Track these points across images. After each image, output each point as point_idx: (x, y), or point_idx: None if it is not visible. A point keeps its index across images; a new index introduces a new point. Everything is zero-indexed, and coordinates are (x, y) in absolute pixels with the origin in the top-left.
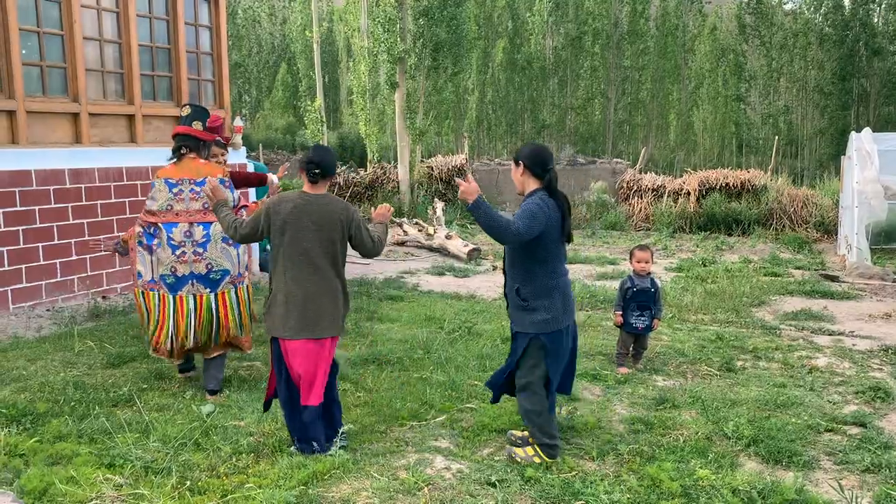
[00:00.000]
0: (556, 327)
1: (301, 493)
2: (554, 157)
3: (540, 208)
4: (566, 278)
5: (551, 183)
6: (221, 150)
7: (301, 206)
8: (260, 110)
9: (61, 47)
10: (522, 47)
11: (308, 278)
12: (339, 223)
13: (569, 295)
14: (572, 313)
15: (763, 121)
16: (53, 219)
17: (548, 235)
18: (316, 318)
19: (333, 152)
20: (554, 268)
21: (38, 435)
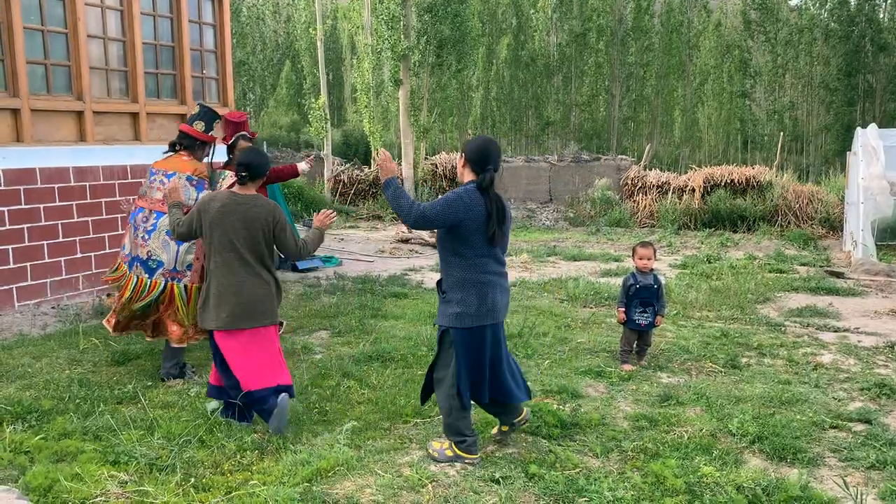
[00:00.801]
0: (468, 324)
1: (305, 489)
2: (500, 157)
3: (458, 198)
4: (493, 278)
5: (483, 182)
6: (248, 143)
7: (229, 206)
8: (264, 108)
9: (65, 45)
10: (527, 44)
11: (237, 272)
12: (262, 224)
13: (489, 295)
14: (494, 316)
15: (768, 117)
16: (58, 217)
17: (466, 229)
18: (247, 310)
19: (264, 155)
20: (474, 263)
21: (43, 432)
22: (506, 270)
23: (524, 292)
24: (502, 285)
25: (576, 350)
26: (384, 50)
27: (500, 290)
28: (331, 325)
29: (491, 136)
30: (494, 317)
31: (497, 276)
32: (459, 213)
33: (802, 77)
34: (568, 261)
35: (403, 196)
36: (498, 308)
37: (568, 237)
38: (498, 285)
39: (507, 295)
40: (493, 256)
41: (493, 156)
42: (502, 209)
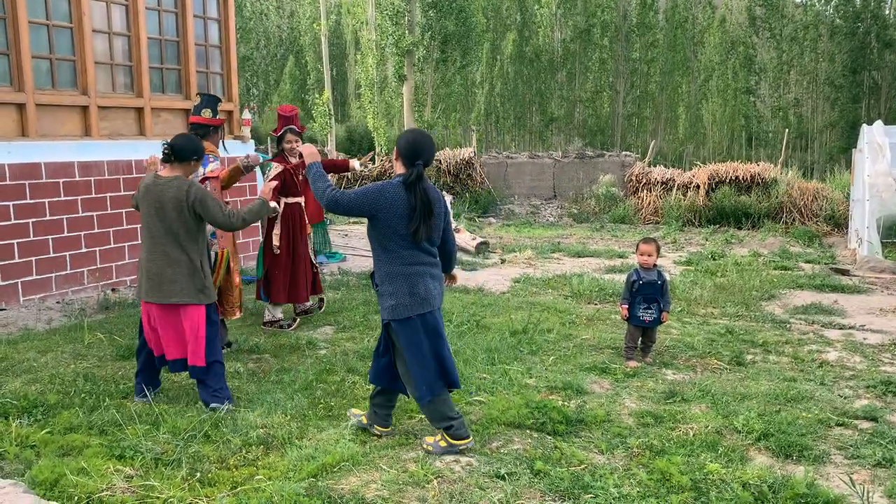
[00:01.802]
0: (404, 314)
1: (311, 485)
2: (433, 151)
3: (378, 189)
4: (420, 268)
5: (408, 178)
6: (296, 137)
7: (149, 187)
8: (268, 103)
9: (70, 40)
10: (531, 40)
11: (154, 250)
12: (174, 204)
13: (420, 284)
14: (429, 303)
15: (773, 114)
16: (63, 211)
17: (385, 221)
18: (161, 285)
19: (193, 139)
20: (398, 255)
21: (48, 426)
22: (435, 259)
23: (528, 288)
24: (432, 274)
25: (580, 346)
26: (388, 45)
27: (431, 278)
28: (335, 320)
29: (424, 130)
30: (430, 304)
31: (426, 265)
32: (375, 206)
33: (807, 74)
34: (572, 257)
35: (322, 178)
36: (432, 295)
37: (572, 233)
38: (427, 274)
39: (440, 282)
40: (419, 248)
41: (424, 150)
42: (429, 204)
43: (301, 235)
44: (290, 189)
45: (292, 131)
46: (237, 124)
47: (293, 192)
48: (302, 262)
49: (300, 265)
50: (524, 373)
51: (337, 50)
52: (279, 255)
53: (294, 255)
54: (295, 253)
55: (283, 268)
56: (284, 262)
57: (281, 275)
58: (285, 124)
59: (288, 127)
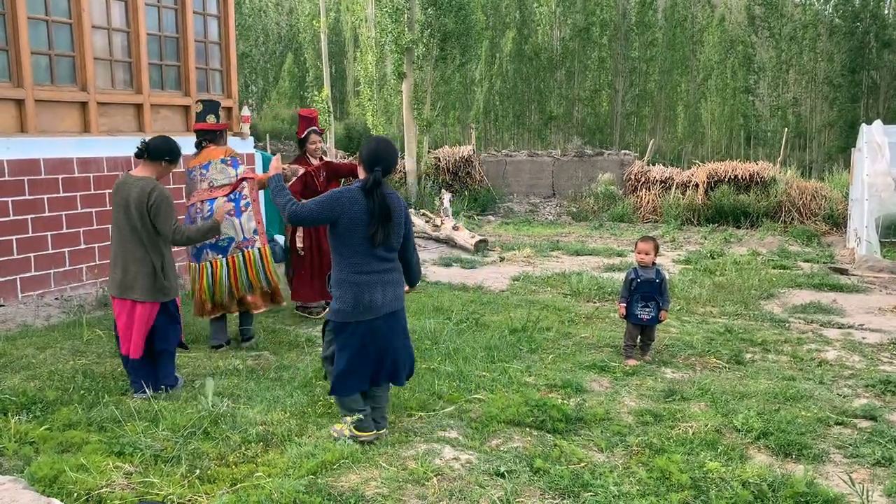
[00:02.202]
0: (344, 319)
1: (310, 482)
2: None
3: (336, 198)
4: (370, 277)
5: (366, 184)
6: (319, 137)
7: (119, 185)
8: (266, 100)
9: (70, 36)
10: (530, 38)
11: (121, 245)
12: (136, 204)
13: (365, 295)
14: (373, 312)
15: (771, 113)
16: (62, 208)
17: (342, 228)
18: (124, 282)
19: (170, 142)
20: (350, 263)
21: (48, 423)
22: (394, 265)
23: (527, 287)
24: (385, 280)
25: (579, 345)
26: (388, 43)
27: (381, 286)
28: None
29: (387, 138)
30: (374, 312)
31: (379, 273)
32: (333, 212)
33: (806, 73)
34: (571, 255)
35: (282, 192)
36: (376, 306)
37: (571, 232)
38: (378, 283)
39: (394, 288)
40: (373, 255)
41: (383, 158)
42: (387, 209)
43: (323, 236)
44: (312, 190)
45: (315, 132)
46: (236, 121)
47: (315, 194)
48: (327, 258)
49: (326, 262)
50: (523, 371)
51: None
52: (304, 256)
53: (320, 253)
54: (321, 251)
55: (308, 267)
56: (309, 262)
57: (306, 274)
58: (308, 126)
59: (311, 129)
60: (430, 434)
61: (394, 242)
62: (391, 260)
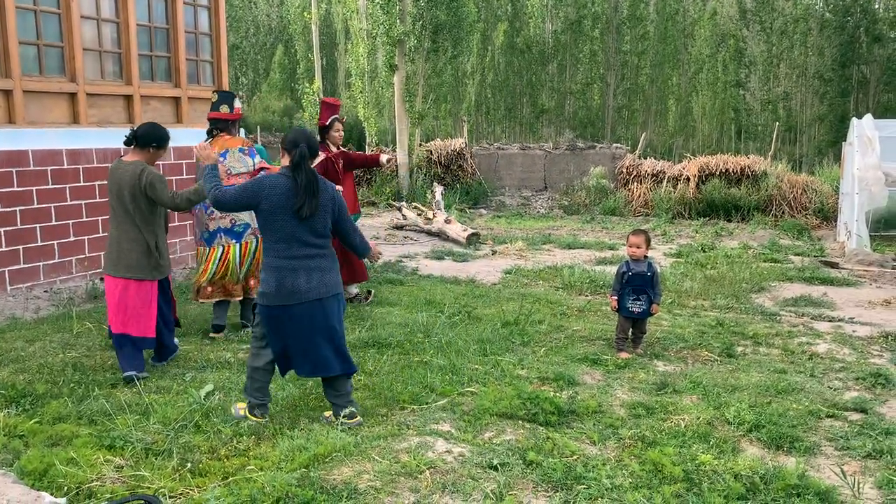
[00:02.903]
0: (266, 302)
1: (302, 475)
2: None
3: (257, 181)
4: (294, 262)
5: (294, 157)
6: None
7: (112, 170)
8: (257, 92)
9: (58, 26)
10: (522, 31)
11: (116, 228)
12: (129, 187)
13: (288, 279)
14: (297, 297)
15: (762, 107)
16: (51, 199)
17: (266, 213)
18: (119, 261)
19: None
20: (274, 248)
21: (37, 416)
22: (320, 251)
23: (519, 280)
24: (311, 267)
25: (571, 338)
26: (379, 35)
27: (306, 272)
28: None
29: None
30: (297, 297)
31: (304, 259)
32: (256, 196)
33: (797, 67)
34: (563, 249)
35: (210, 179)
36: (300, 291)
37: (563, 225)
38: (303, 268)
39: (321, 274)
40: (297, 240)
41: (302, 139)
42: (315, 181)
43: None
44: (332, 177)
45: (339, 120)
46: None
47: (334, 181)
48: None
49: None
50: (516, 364)
51: (327, 39)
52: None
53: None
54: None
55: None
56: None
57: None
58: (332, 114)
59: (334, 117)
60: (423, 427)
61: (319, 226)
62: (318, 246)
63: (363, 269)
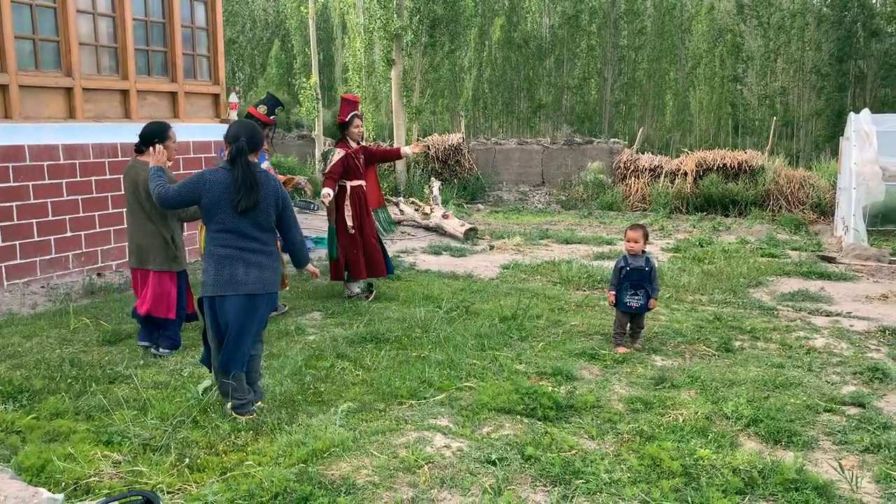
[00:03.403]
0: (205, 292)
1: (301, 470)
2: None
3: (197, 176)
4: (233, 252)
5: (231, 152)
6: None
7: (127, 169)
8: (253, 87)
9: (54, 20)
10: (519, 25)
11: (134, 223)
12: (143, 184)
13: (226, 268)
14: (234, 287)
15: (759, 102)
16: (47, 195)
17: (207, 206)
18: (140, 254)
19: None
20: (214, 237)
21: (34, 412)
22: (262, 247)
23: (517, 275)
24: (249, 260)
25: (569, 332)
26: (376, 29)
27: (244, 264)
28: (323, 306)
29: (243, 121)
30: (234, 288)
31: (242, 251)
32: (196, 191)
33: (794, 62)
34: (560, 244)
35: (155, 178)
36: (237, 281)
37: (560, 220)
38: (241, 260)
39: (258, 269)
40: (238, 231)
41: (244, 132)
42: (252, 176)
43: (366, 215)
44: (353, 172)
45: (357, 117)
46: (224, 107)
47: (356, 176)
48: (371, 238)
49: (370, 242)
50: (514, 359)
51: (324, 34)
52: (353, 235)
53: (363, 234)
54: (363, 232)
55: (359, 247)
56: (358, 242)
57: (359, 253)
58: (352, 110)
59: (354, 113)
60: (421, 422)
61: (261, 219)
62: (259, 240)
63: (381, 266)
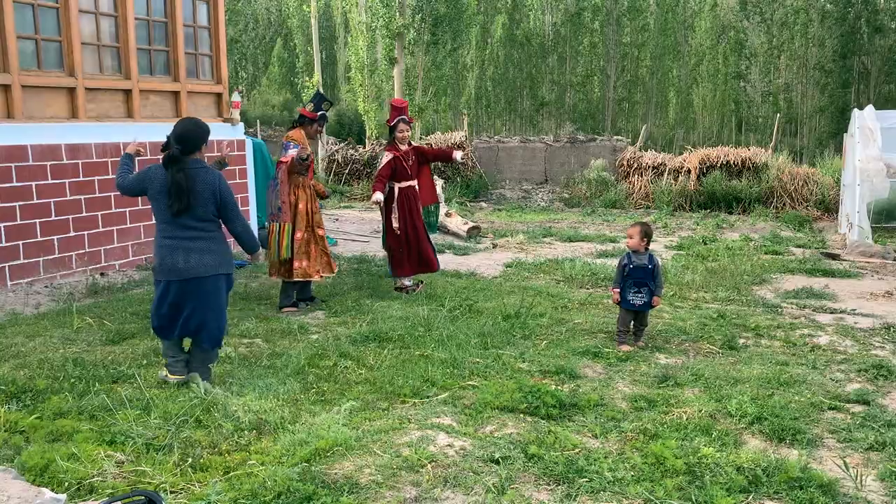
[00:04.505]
0: (155, 277)
1: (304, 469)
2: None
3: (144, 171)
4: (173, 242)
5: (164, 158)
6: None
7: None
8: (256, 86)
9: (56, 20)
10: (521, 23)
11: None
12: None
13: (168, 257)
14: (176, 273)
15: (763, 99)
16: (51, 195)
17: (151, 198)
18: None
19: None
20: (158, 228)
21: (38, 412)
22: (202, 234)
23: (520, 273)
24: (187, 248)
25: (573, 331)
26: (379, 28)
27: (184, 252)
28: (326, 305)
29: (193, 118)
30: (175, 274)
31: (183, 240)
32: (142, 184)
33: (797, 59)
34: (564, 242)
35: (122, 167)
36: (177, 269)
37: (563, 218)
38: (181, 248)
39: (199, 255)
40: (176, 223)
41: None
42: (180, 183)
43: (416, 214)
44: (401, 174)
45: (404, 121)
46: (226, 107)
47: (404, 177)
48: (421, 235)
49: (421, 238)
50: (517, 357)
51: (326, 33)
52: (401, 235)
53: (416, 231)
54: (415, 229)
55: (405, 244)
56: (405, 240)
57: (405, 251)
58: (398, 115)
59: (400, 117)
60: (424, 421)
61: (199, 213)
62: (199, 229)
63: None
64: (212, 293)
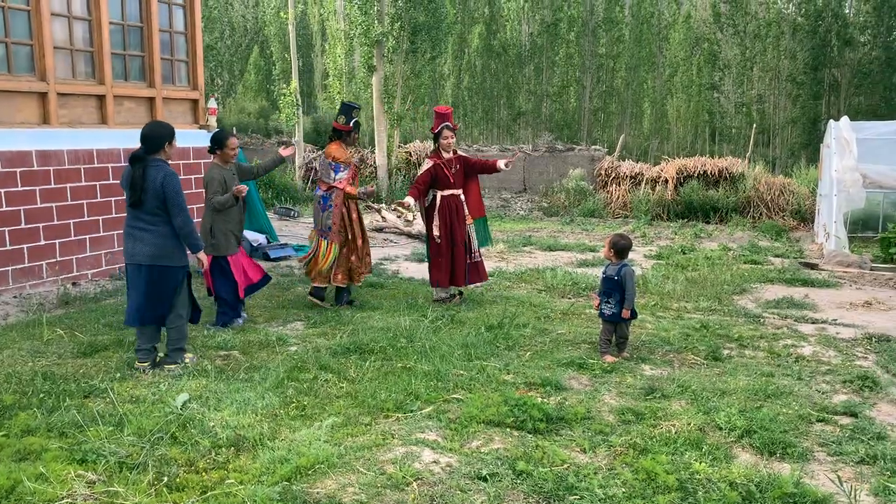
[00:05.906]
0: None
1: (284, 488)
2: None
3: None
4: (128, 229)
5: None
6: (452, 133)
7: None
8: (232, 94)
9: (28, 23)
10: (498, 33)
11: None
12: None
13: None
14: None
15: (736, 109)
16: (20, 202)
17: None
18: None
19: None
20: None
21: (4, 429)
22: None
23: (502, 282)
24: (134, 236)
25: (556, 341)
26: (357, 35)
27: (132, 239)
28: (306, 315)
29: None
30: (128, 258)
31: (132, 228)
32: (122, 181)
33: (770, 70)
34: (544, 251)
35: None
36: (127, 253)
37: (543, 227)
38: (129, 236)
39: (141, 244)
40: (131, 214)
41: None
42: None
43: (459, 225)
44: (443, 182)
45: (448, 128)
46: (203, 113)
47: (446, 185)
48: (459, 249)
49: (458, 252)
50: (501, 369)
51: (303, 41)
52: (441, 244)
53: (453, 242)
54: (453, 241)
55: (445, 254)
56: (445, 250)
57: (443, 261)
58: (442, 122)
59: (445, 125)
60: (409, 436)
61: (147, 207)
62: (147, 221)
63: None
64: (148, 282)
